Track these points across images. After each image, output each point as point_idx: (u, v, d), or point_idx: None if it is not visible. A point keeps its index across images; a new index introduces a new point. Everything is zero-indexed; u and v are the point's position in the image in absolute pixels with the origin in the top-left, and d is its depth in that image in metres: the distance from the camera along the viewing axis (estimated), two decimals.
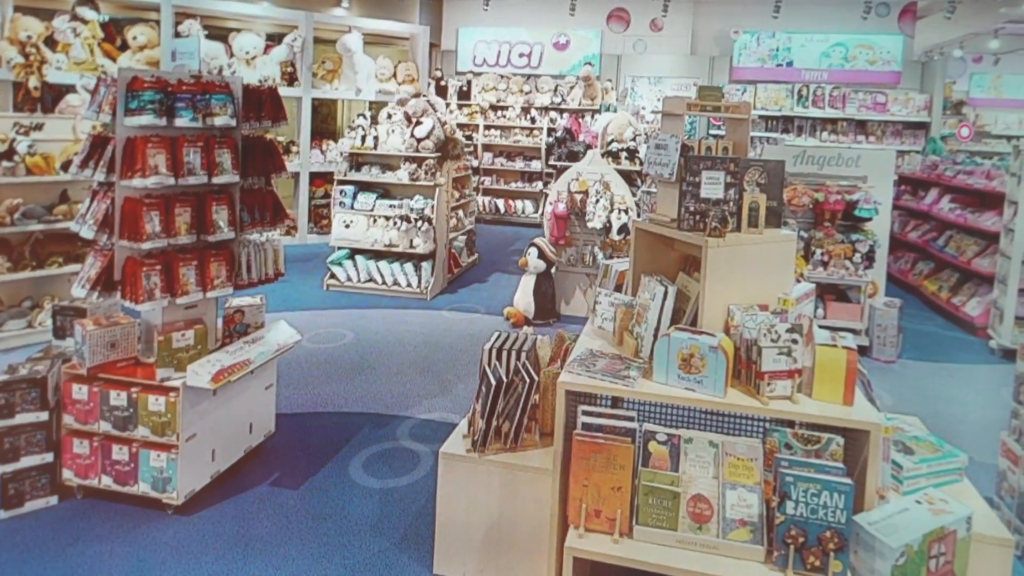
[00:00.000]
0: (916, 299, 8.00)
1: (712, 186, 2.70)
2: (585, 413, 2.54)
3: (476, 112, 12.58)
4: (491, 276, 8.41)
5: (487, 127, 12.59)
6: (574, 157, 7.88)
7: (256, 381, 3.81)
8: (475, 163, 11.92)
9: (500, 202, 12.31)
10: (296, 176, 9.59)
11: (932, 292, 7.71)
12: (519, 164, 12.43)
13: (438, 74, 12.78)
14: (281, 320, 4.04)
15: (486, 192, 12.42)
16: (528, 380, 2.83)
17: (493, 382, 2.82)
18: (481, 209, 11.95)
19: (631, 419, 2.53)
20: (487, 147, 12.58)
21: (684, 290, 2.80)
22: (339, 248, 7.45)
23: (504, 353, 3.04)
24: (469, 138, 12.07)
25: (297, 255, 8.61)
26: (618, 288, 3.22)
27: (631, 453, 2.41)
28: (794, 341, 2.42)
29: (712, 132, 11.36)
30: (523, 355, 3.02)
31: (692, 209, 2.71)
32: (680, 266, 3.00)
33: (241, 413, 3.72)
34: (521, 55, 13.30)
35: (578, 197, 6.64)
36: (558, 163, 8.32)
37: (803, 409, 2.38)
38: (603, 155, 7.53)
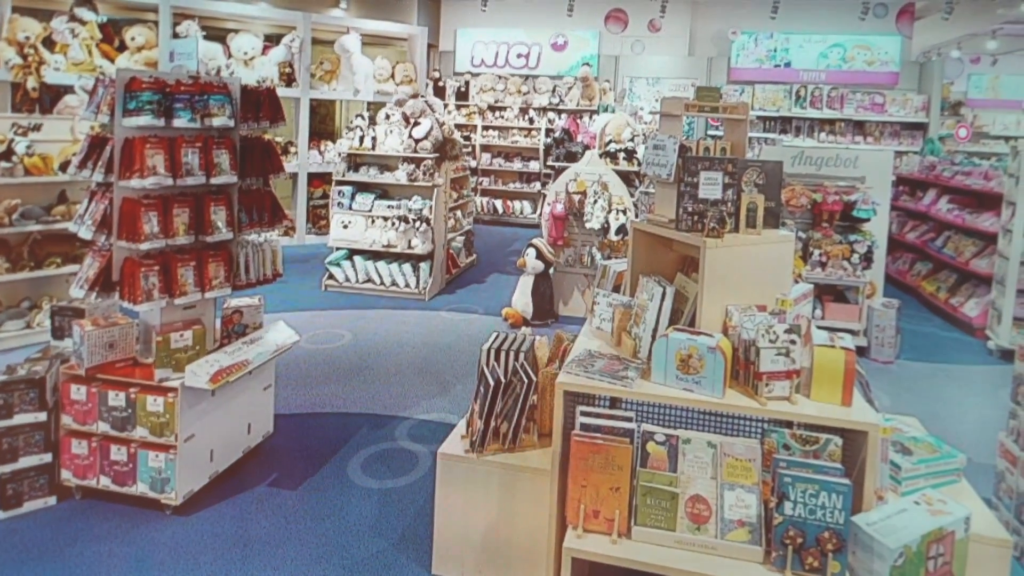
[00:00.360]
0: (914, 300, 8.01)
1: (710, 187, 2.70)
2: (583, 413, 2.55)
3: (474, 113, 12.58)
4: (489, 277, 8.41)
5: (485, 128, 12.60)
6: (572, 158, 7.89)
7: (254, 382, 3.81)
8: (473, 164, 11.92)
9: (498, 203, 12.31)
10: (294, 177, 9.58)
11: (930, 293, 7.72)
12: (517, 165, 12.43)
13: (436, 75, 12.79)
14: (280, 320, 4.04)
15: (484, 193, 12.42)
16: (526, 381, 2.83)
17: (491, 383, 2.82)
18: (479, 210, 11.95)
19: (629, 420, 2.53)
20: (485, 148, 12.59)
21: (682, 291, 2.80)
22: (337, 249, 7.45)
23: (502, 354, 3.04)
24: (467, 139, 12.07)
25: (295, 256, 8.60)
26: (616, 289, 3.22)
27: (629, 454, 2.41)
28: (792, 342, 2.42)
29: (710, 133, 11.38)
30: (521, 356, 3.02)
31: (690, 210, 2.71)
32: (678, 267, 3.01)
33: (239, 414, 3.72)
34: (519, 56, 13.31)
35: (576, 198, 6.64)
36: (556, 164, 8.33)
37: (801, 410, 2.38)
38: (601, 156, 7.54)
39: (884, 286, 6.75)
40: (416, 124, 7.48)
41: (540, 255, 6.49)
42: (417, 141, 7.37)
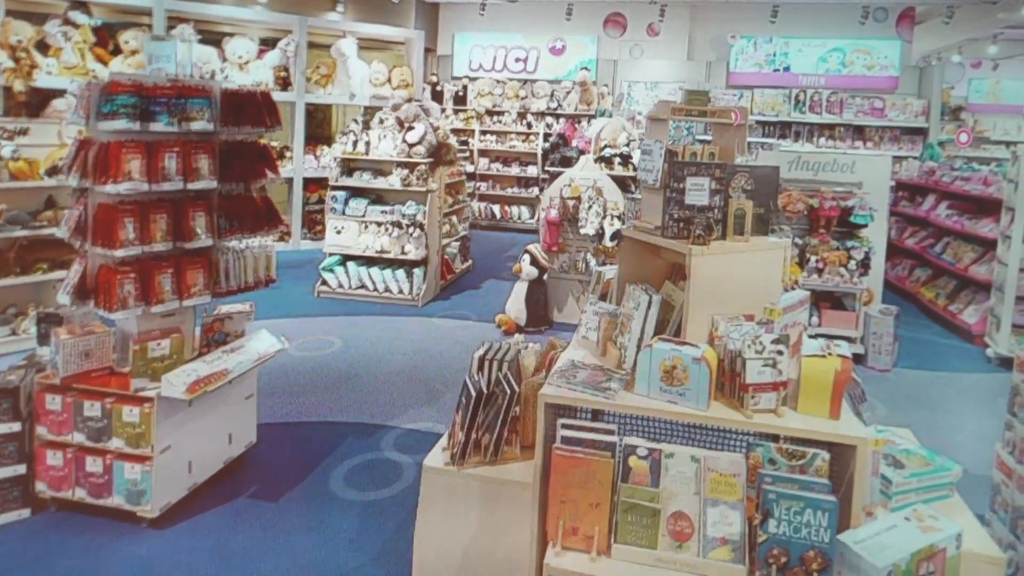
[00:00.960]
0: (913, 306, 7.93)
1: (697, 192, 2.62)
2: (564, 426, 2.47)
3: (472, 117, 12.53)
4: (485, 283, 8.34)
5: (483, 132, 12.54)
6: (567, 163, 7.83)
7: (236, 391, 3.74)
8: (471, 168, 11.87)
9: (496, 208, 12.26)
10: (290, 181, 9.53)
11: (929, 299, 7.64)
12: (515, 169, 12.37)
13: (434, 79, 12.74)
14: (262, 328, 3.96)
15: (482, 198, 12.37)
16: (509, 391, 2.75)
17: (473, 393, 2.75)
18: (477, 215, 11.90)
19: (611, 432, 2.45)
20: (483, 152, 12.53)
21: (669, 299, 2.72)
22: (331, 254, 7.39)
23: (486, 363, 2.97)
24: (464, 143, 12.00)
25: (290, 261, 8.54)
26: (603, 296, 3.14)
27: (611, 468, 2.34)
28: (779, 352, 2.34)
29: (698, 137, 11.31)
30: (505, 365, 2.94)
31: (676, 216, 2.64)
32: (667, 275, 2.93)
33: (220, 424, 3.64)
34: (517, 60, 13.25)
35: (570, 203, 6.58)
36: (552, 169, 8.27)
37: (787, 423, 2.30)
38: (596, 161, 7.47)
39: (883, 292, 6.69)
40: (410, 129, 7.42)
41: (535, 261, 6.42)
42: (411, 146, 7.31)
